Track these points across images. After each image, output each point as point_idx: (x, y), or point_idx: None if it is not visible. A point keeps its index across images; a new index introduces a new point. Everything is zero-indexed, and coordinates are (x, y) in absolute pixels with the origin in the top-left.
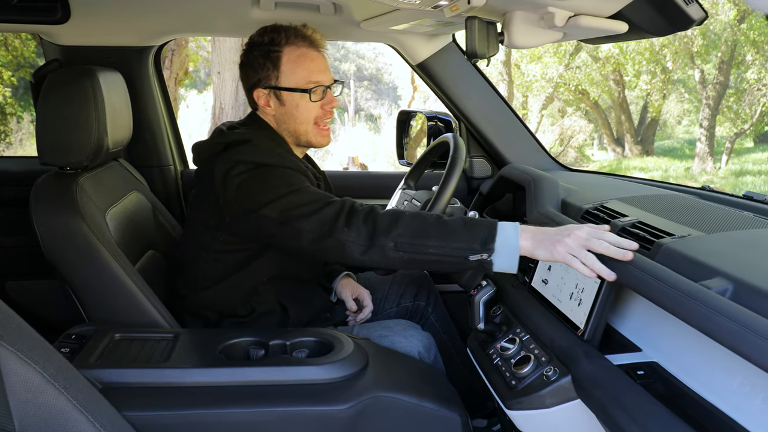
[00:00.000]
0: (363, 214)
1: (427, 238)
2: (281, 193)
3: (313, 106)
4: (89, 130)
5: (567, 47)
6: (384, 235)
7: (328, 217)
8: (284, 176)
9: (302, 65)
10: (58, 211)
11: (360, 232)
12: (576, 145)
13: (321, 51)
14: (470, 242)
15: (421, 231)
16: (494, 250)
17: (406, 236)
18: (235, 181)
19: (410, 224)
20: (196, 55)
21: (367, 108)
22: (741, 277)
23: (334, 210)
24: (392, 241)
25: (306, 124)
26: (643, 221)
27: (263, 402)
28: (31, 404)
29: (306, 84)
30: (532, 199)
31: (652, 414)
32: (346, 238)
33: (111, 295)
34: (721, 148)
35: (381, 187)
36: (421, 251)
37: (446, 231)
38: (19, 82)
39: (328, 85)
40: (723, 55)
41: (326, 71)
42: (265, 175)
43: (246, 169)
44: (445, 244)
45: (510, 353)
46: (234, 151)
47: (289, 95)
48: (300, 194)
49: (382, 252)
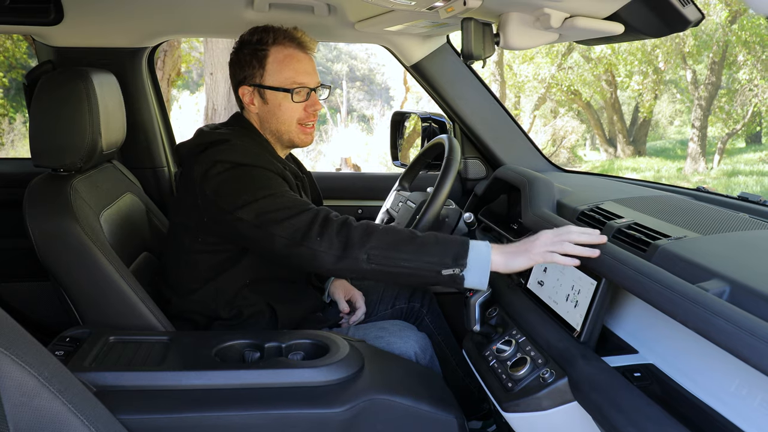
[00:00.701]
0: (337, 224)
1: (400, 251)
2: (257, 196)
3: (295, 107)
4: (83, 132)
5: (559, 48)
6: (357, 246)
7: (301, 225)
8: (262, 178)
9: (288, 65)
10: (51, 213)
11: (332, 242)
12: (568, 146)
13: (309, 53)
14: (443, 257)
15: (393, 244)
16: (467, 266)
17: (378, 249)
18: (213, 181)
19: (383, 237)
20: (189, 56)
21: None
22: (738, 278)
23: (308, 218)
24: (365, 253)
25: (288, 124)
26: (639, 223)
27: (259, 405)
28: (25, 408)
29: (290, 84)
30: (527, 201)
31: (649, 416)
32: (318, 248)
33: (105, 298)
34: (713, 149)
35: (375, 188)
36: (393, 264)
37: (419, 245)
38: (11, 83)
39: (313, 87)
40: (715, 56)
41: (312, 74)
42: (243, 176)
43: (224, 169)
44: (417, 257)
45: (506, 355)
46: (213, 151)
47: (272, 94)
48: (276, 198)
49: (354, 263)
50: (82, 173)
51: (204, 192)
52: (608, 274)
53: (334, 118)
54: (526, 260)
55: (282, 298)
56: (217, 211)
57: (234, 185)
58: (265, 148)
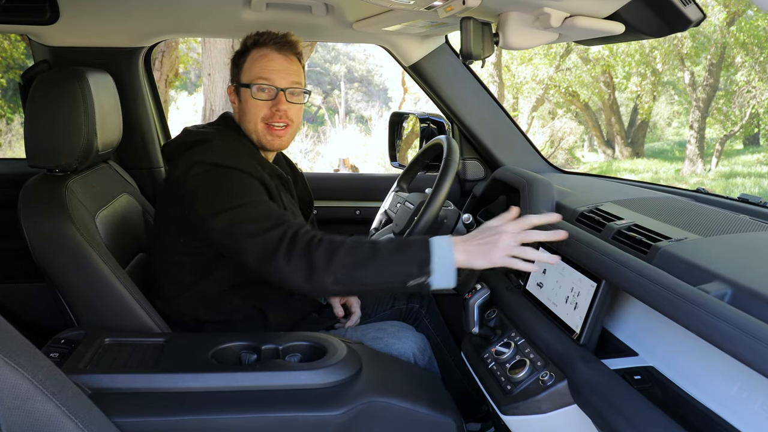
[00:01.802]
0: (302, 244)
1: (364, 269)
2: (232, 204)
3: (259, 104)
4: (78, 132)
5: (557, 49)
6: (322, 269)
7: (269, 243)
8: (239, 183)
9: (258, 63)
10: (47, 214)
11: (299, 264)
12: (566, 147)
13: (287, 55)
14: (407, 267)
15: (357, 263)
16: (432, 272)
17: (344, 269)
18: (191, 183)
19: (346, 257)
20: (187, 57)
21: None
22: (740, 281)
23: (276, 236)
24: (331, 275)
25: (254, 123)
26: (639, 224)
27: (255, 408)
28: (19, 411)
29: (254, 80)
30: (526, 202)
31: (649, 419)
32: (284, 269)
33: (101, 299)
34: (710, 150)
35: (373, 189)
36: (359, 282)
37: (382, 260)
38: (9, 84)
39: (282, 87)
40: (712, 57)
41: (283, 73)
42: (220, 180)
43: (203, 170)
44: (382, 273)
45: (505, 357)
46: (194, 151)
47: (243, 91)
48: (249, 209)
49: (321, 285)
50: (77, 174)
51: (182, 193)
52: (608, 276)
53: (332, 119)
54: (485, 263)
55: (271, 302)
56: (193, 214)
57: (211, 190)
58: (247, 149)
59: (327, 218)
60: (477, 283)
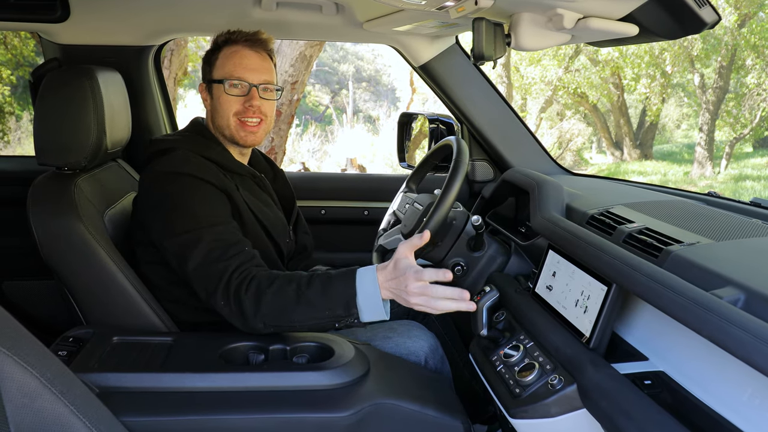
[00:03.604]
0: (234, 288)
1: (290, 314)
2: (185, 225)
3: (231, 100)
4: (88, 131)
5: (566, 50)
6: (251, 317)
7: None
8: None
9: (230, 60)
10: (55, 212)
11: (233, 309)
12: (574, 149)
13: (260, 51)
14: (333, 309)
15: (282, 309)
16: (359, 311)
17: (270, 316)
18: (151, 198)
19: (273, 302)
20: (196, 56)
21: (365, 109)
22: (753, 286)
23: (217, 274)
24: (260, 321)
25: (226, 118)
26: (650, 228)
27: (263, 408)
28: (27, 409)
29: (227, 76)
30: (536, 204)
31: (659, 424)
32: (223, 310)
33: (109, 297)
34: (720, 153)
35: (381, 189)
36: (288, 326)
37: (307, 303)
38: (18, 81)
39: (255, 84)
40: (723, 60)
41: (256, 71)
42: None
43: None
44: (309, 316)
45: (514, 360)
46: (156, 162)
47: (215, 88)
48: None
49: (256, 330)
50: (86, 172)
51: (143, 206)
52: (619, 280)
53: (340, 118)
54: (406, 304)
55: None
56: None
57: (166, 207)
58: (215, 154)
59: (335, 218)
60: (486, 285)
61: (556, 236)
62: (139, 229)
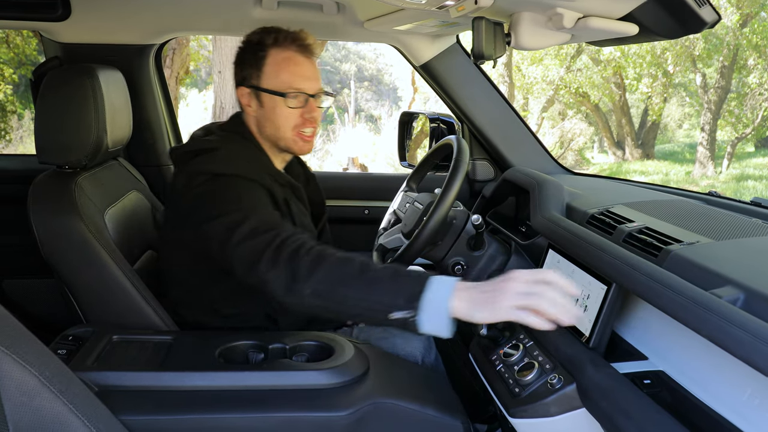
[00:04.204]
0: (288, 252)
1: (348, 287)
2: (229, 209)
3: (291, 113)
4: (88, 129)
5: (568, 50)
6: (303, 280)
7: (257, 247)
8: (239, 191)
9: (285, 68)
10: (56, 210)
11: (280, 272)
12: (576, 148)
13: (311, 58)
14: (394, 297)
15: (342, 279)
16: (419, 308)
17: (325, 283)
18: (193, 193)
19: (332, 270)
20: (198, 54)
21: (367, 109)
22: (752, 285)
23: (265, 241)
24: (310, 287)
25: (283, 131)
26: (651, 227)
27: (262, 407)
28: (26, 408)
29: (285, 88)
30: (536, 203)
31: (659, 424)
32: (266, 277)
33: (109, 296)
34: (722, 153)
35: (382, 189)
36: (339, 301)
37: (369, 281)
38: (21, 80)
39: (312, 94)
40: (725, 59)
41: (312, 79)
42: (221, 189)
43: (204, 180)
44: (365, 296)
45: (513, 360)
46: (199, 161)
47: (268, 98)
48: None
49: (299, 298)
50: (87, 170)
51: (183, 204)
52: (619, 279)
53: (342, 117)
54: (489, 314)
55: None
56: (192, 223)
57: (210, 199)
58: (258, 156)
59: (335, 217)
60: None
61: (556, 235)
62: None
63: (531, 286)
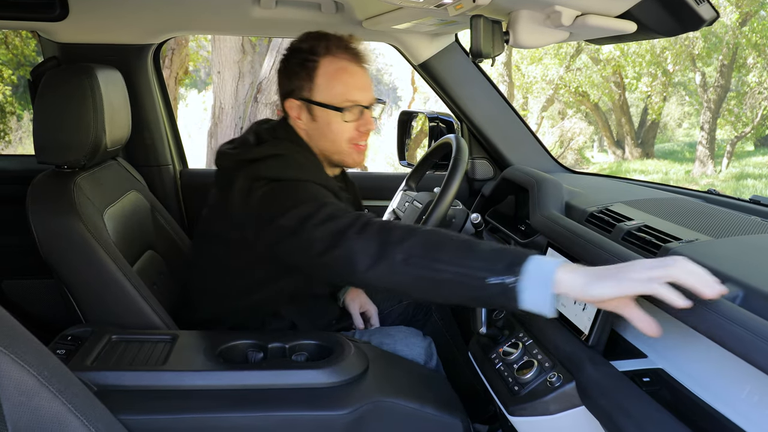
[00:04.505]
0: (377, 225)
1: (441, 251)
2: (301, 199)
3: (346, 127)
4: (87, 129)
5: (567, 49)
6: (395, 245)
7: (341, 226)
8: (309, 189)
9: (340, 80)
10: (54, 210)
11: (370, 242)
12: (576, 147)
13: (364, 66)
14: (494, 262)
15: (436, 243)
16: (521, 274)
17: (418, 247)
18: (257, 194)
19: (425, 235)
20: (197, 55)
21: None
22: (751, 283)
23: (348, 220)
24: (403, 252)
25: (338, 144)
26: (649, 225)
27: (261, 406)
28: (24, 408)
29: (341, 102)
30: (535, 202)
31: (658, 422)
32: (354, 247)
33: (108, 296)
34: (721, 152)
35: (381, 188)
36: (431, 267)
37: (466, 247)
38: (20, 81)
39: (366, 105)
40: (724, 58)
41: (366, 89)
42: (288, 188)
43: (270, 180)
44: (460, 261)
45: (513, 358)
46: (261, 166)
47: (321, 111)
48: (319, 205)
49: (389, 265)
50: (86, 170)
51: (247, 208)
52: None
53: None
54: (613, 288)
55: (306, 315)
56: (259, 224)
57: (279, 196)
58: (318, 163)
59: None
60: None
61: (556, 234)
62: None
63: (659, 261)
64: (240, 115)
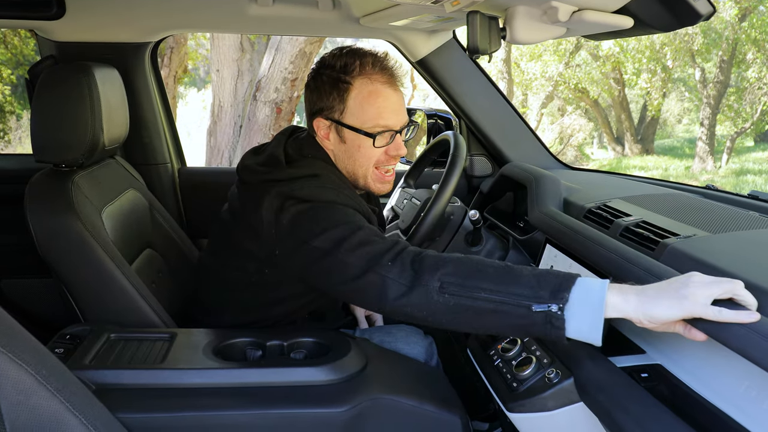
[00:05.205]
0: (413, 253)
1: (481, 280)
2: (336, 222)
3: (376, 152)
4: (85, 128)
5: (567, 45)
6: (430, 272)
7: (376, 252)
8: (343, 211)
9: (372, 104)
10: (53, 209)
11: (405, 269)
12: (576, 144)
13: (399, 89)
14: (536, 288)
15: (474, 271)
16: (567, 300)
17: (455, 275)
18: (288, 214)
19: (462, 263)
20: (196, 53)
21: None
22: (749, 278)
23: (384, 246)
24: (438, 280)
25: (365, 168)
26: (647, 221)
27: (260, 404)
28: (23, 406)
29: (372, 127)
30: (533, 198)
31: (656, 417)
32: (387, 274)
33: (106, 294)
34: (721, 147)
35: None
36: (471, 295)
37: (506, 274)
38: (19, 80)
39: (398, 129)
40: (724, 54)
41: (399, 113)
42: (323, 210)
43: (300, 202)
44: (502, 288)
45: (511, 354)
46: (292, 185)
47: (351, 134)
48: (355, 228)
49: (424, 293)
50: (83, 169)
51: (278, 226)
52: (616, 273)
53: None
54: (675, 308)
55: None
56: (291, 244)
57: (312, 217)
58: (348, 184)
59: None
60: None
61: (554, 230)
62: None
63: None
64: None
